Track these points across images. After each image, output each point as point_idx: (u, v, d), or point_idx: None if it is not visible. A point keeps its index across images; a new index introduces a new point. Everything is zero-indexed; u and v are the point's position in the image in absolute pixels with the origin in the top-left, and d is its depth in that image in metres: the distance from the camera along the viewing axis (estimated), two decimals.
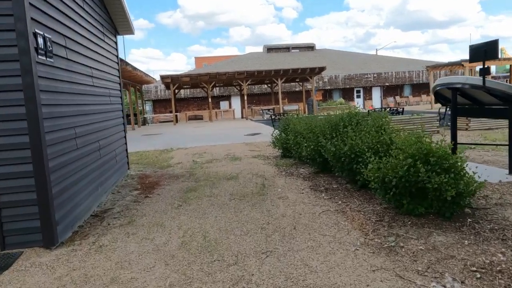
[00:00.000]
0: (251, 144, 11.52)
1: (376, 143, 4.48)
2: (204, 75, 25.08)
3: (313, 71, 25.89)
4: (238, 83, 27.96)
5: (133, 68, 18.02)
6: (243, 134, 15.17)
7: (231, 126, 20.50)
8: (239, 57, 42.40)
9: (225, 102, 34.56)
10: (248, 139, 12.88)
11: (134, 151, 11.61)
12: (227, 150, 10.29)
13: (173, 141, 13.69)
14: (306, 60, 38.52)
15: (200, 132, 17.71)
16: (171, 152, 10.89)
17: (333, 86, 35.25)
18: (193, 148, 11.43)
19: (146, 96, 33.34)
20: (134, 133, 19.83)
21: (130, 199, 5.01)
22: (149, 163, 8.86)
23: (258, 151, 9.88)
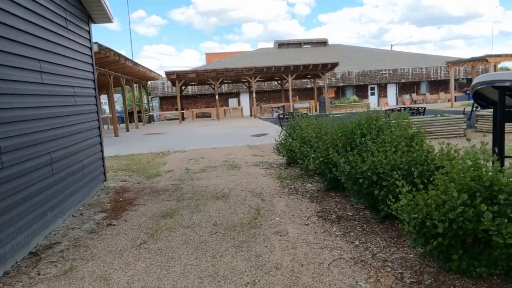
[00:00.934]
0: (255, 148, 10.42)
1: (408, 162, 3.32)
2: (211, 72, 24.03)
3: (325, 67, 24.61)
4: (247, 79, 26.84)
5: (134, 64, 17.06)
6: (248, 134, 14.07)
7: (238, 125, 19.43)
8: (249, 53, 41.25)
9: (233, 100, 33.49)
10: (253, 141, 11.78)
11: (127, 154, 10.63)
12: (227, 155, 9.20)
13: (173, 142, 12.68)
14: (318, 55, 37.16)
15: (204, 131, 16.67)
16: (166, 156, 9.86)
17: (346, 83, 33.86)
18: (191, 151, 10.38)
19: (153, 93, 32.49)
20: (136, 132, 18.92)
21: (88, 227, 3.96)
22: (138, 170, 7.84)
23: (262, 156, 8.77)
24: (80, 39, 5.31)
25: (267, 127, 16.88)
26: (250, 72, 24.31)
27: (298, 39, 43.52)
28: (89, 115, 5.54)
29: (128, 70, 17.79)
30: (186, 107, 32.09)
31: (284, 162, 7.57)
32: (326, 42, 43.11)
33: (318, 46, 42.61)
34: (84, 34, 5.51)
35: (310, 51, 40.44)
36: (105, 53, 12.30)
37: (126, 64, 15.75)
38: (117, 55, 13.62)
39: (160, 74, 25.53)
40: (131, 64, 16.38)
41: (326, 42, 43.11)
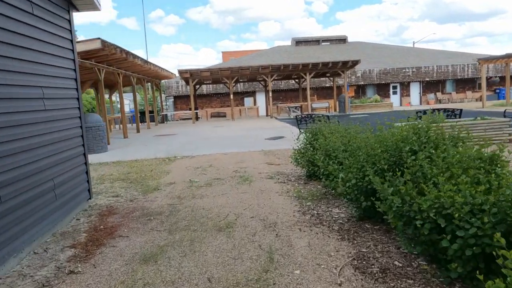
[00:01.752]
0: (271, 153, 9.35)
1: (498, 204, 2.20)
2: (226, 70, 23.06)
3: (345, 65, 23.31)
4: (263, 78, 25.78)
5: (144, 62, 16.22)
6: (264, 137, 13.01)
7: (253, 126, 18.39)
8: (265, 51, 40.14)
9: (249, 99, 32.48)
10: (268, 145, 10.71)
11: (132, 159, 9.72)
12: (239, 163, 8.17)
13: (182, 146, 11.74)
14: (338, 53, 35.76)
15: (216, 133, 15.70)
16: (172, 162, 8.90)
17: (367, 82, 32.39)
18: (200, 157, 9.39)
19: (167, 92, 31.80)
20: (147, 133, 18.11)
21: (44, 275, 2.98)
22: (136, 181, 6.89)
23: (277, 165, 7.70)
24: (55, 28, 4.35)
25: (284, 129, 15.78)
26: (266, 70, 23.23)
27: (316, 36, 42.16)
28: (67, 122, 4.58)
29: (138, 68, 16.98)
30: (201, 106, 31.27)
31: (303, 174, 6.49)
32: (345, 39, 41.59)
33: (337, 43, 41.14)
34: (62, 23, 4.55)
35: (328, 48, 39.04)
36: (110, 50, 11.45)
37: (135, 62, 14.91)
38: (124, 52, 12.77)
39: (174, 73, 24.74)
40: (141, 62, 15.54)
41: (345, 39, 41.59)
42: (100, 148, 11.44)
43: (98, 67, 13.04)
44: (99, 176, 7.78)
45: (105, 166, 9.08)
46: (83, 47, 10.37)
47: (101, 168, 8.87)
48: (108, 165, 9.28)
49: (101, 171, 8.47)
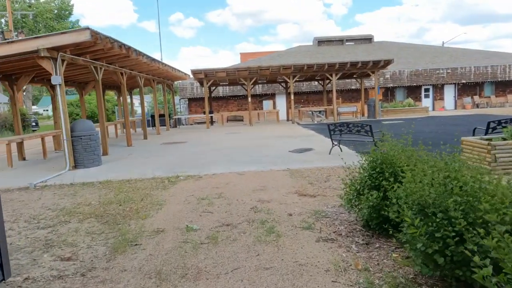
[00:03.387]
0: (300, 175, 7.19)
1: None
2: (243, 70, 21.01)
3: (376, 65, 20.92)
4: (284, 79, 23.62)
5: (151, 60, 14.30)
6: (287, 149, 10.85)
7: (274, 133, 16.24)
8: (285, 51, 37.95)
9: (268, 102, 30.35)
10: (295, 161, 8.55)
11: (123, 179, 7.73)
12: (258, 191, 6.05)
13: (189, 159, 9.70)
14: (363, 53, 33.27)
15: (232, 142, 13.62)
16: (172, 186, 6.85)
17: (397, 84, 29.82)
18: (208, 178, 7.31)
19: (181, 94, 30.01)
20: (154, 140, 16.19)
21: None
22: (114, 221, 4.86)
23: (313, 197, 5.54)
24: None
25: (310, 138, 13.57)
26: (288, 71, 21.07)
27: (340, 36, 39.72)
28: None
29: (145, 67, 15.09)
30: (216, 109, 29.33)
31: (356, 220, 4.30)
32: (371, 38, 38.99)
33: (362, 43, 38.58)
34: None
35: (353, 48, 36.56)
36: (104, 43, 9.52)
37: (140, 59, 12.98)
38: (124, 48, 10.84)
39: (188, 74, 22.85)
40: (147, 60, 13.61)
41: (371, 38, 38.99)
42: (91, 162, 9.51)
43: (95, 65, 11.15)
44: (71, 207, 5.78)
45: (87, 189, 7.10)
46: (69, 39, 8.46)
47: (82, 191, 6.89)
48: (92, 186, 7.30)
49: (79, 197, 6.49)
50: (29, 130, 26.61)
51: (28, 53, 8.76)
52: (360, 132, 8.90)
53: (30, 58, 9.13)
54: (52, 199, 6.44)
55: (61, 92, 9.12)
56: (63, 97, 9.14)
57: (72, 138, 9.33)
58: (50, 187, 7.53)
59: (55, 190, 7.21)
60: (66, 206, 5.89)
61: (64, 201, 6.29)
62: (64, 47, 8.93)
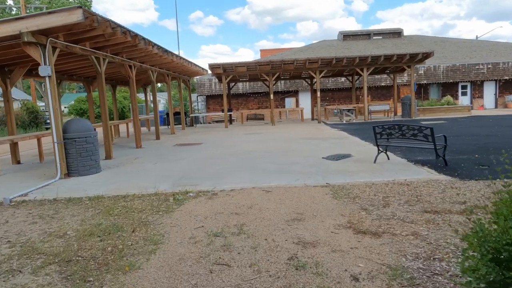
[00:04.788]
0: (345, 194, 5.42)
1: None
2: (265, 65, 19.27)
3: (413, 58, 18.81)
4: (309, 74, 21.76)
5: (164, 52, 12.73)
6: (319, 154, 9.06)
7: (300, 134, 14.44)
8: (308, 46, 35.93)
9: (291, 99, 28.51)
10: (333, 173, 6.76)
11: (119, 194, 6.14)
12: (295, 222, 4.32)
13: (203, 167, 8.03)
14: (392, 48, 30.95)
15: (253, 144, 11.91)
16: (178, 207, 5.20)
17: (431, 80, 27.47)
18: (226, 196, 5.64)
19: (199, 90, 28.51)
20: (168, 140, 14.65)
21: None
22: (84, 274, 3.24)
23: (375, 234, 3.77)
24: None
25: (344, 141, 11.72)
26: (314, 65, 19.20)
27: (367, 30, 37.41)
28: None
29: (157, 60, 13.55)
30: (235, 107, 27.70)
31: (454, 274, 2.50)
32: (400, 32, 36.52)
33: (391, 37, 36.17)
34: None
35: (381, 43, 34.24)
36: (103, 28, 7.96)
37: (150, 50, 11.42)
38: (128, 34, 9.27)
39: (205, 69, 21.29)
40: (158, 51, 12.04)
41: (400, 32, 36.52)
42: (87, 169, 7.98)
43: (97, 55, 9.64)
44: (38, 240, 4.21)
45: (71, 207, 5.53)
46: (57, 20, 6.91)
47: (63, 212, 5.32)
48: (79, 204, 5.73)
49: (56, 221, 4.92)
50: (42, 128, 25.67)
51: (11, 39, 7.28)
52: (417, 136, 7.04)
53: (17, 45, 7.67)
54: (21, 224, 4.90)
55: (52, 85, 7.60)
56: (53, 92, 7.63)
57: (64, 140, 7.82)
58: (28, 203, 6.01)
59: (32, 208, 5.68)
60: (32, 238, 4.31)
61: (35, 228, 4.73)
62: (53, 30, 7.40)
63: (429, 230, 3.88)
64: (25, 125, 24.53)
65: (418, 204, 4.83)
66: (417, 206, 4.75)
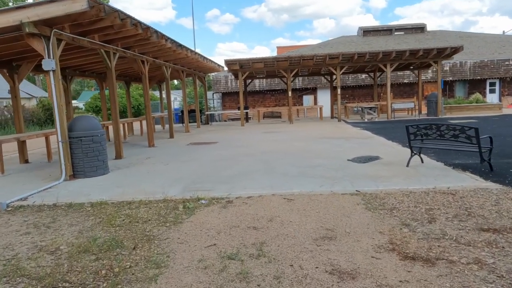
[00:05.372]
0: (380, 204, 4.68)
1: None
2: (283, 60, 18.52)
3: (441, 53, 17.75)
4: (329, 71, 20.90)
5: (178, 46, 12.14)
6: (344, 156, 8.31)
7: (320, 133, 13.67)
8: (327, 42, 34.93)
9: (309, 97, 27.66)
10: (362, 178, 6.01)
11: (125, 200, 5.55)
12: (325, 241, 3.62)
13: (217, 169, 7.38)
14: (415, 44, 29.69)
15: (271, 144, 11.21)
16: (188, 218, 4.57)
17: (457, 77, 26.18)
18: (242, 205, 4.97)
19: (214, 87, 27.95)
20: (182, 139, 14.09)
21: None
22: None
23: (426, 261, 3.03)
24: None
25: (368, 141, 10.90)
26: (335, 61, 18.34)
27: (387, 25, 36.15)
28: None
29: (170, 55, 12.97)
30: (252, 105, 27.03)
31: None
32: (423, 27, 35.14)
33: (414, 32, 34.83)
34: None
35: (403, 38, 32.97)
36: (112, 18, 7.40)
37: (163, 44, 10.84)
38: (139, 26, 8.68)
39: (221, 65, 20.68)
40: (172, 45, 11.45)
41: (423, 27, 35.14)
42: (94, 170, 7.44)
43: (106, 49, 9.10)
44: (25, 257, 3.64)
45: (70, 215, 4.97)
46: (60, 9, 6.36)
47: (60, 221, 4.76)
48: (79, 211, 5.16)
49: (51, 232, 4.36)
50: None
51: (14, 30, 6.77)
52: (459, 137, 6.21)
53: (21, 38, 7.17)
54: (12, 235, 4.34)
55: (56, 80, 7.07)
56: (57, 87, 7.10)
57: (69, 139, 7.29)
58: (26, 208, 5.48)
59: (29, 215, 5.14)
60: (19, 254, 3.74)
61: (26, 240, 4.17)
62: (57, 21, 6.86)
63: (494, 256, 3.12)
64: (41, 123, 24.45)
65: (470, 219, 4.06)
66: (469, 222, 3.98)
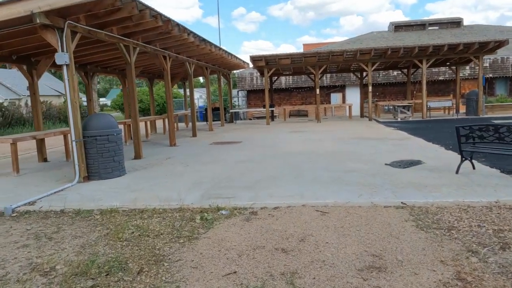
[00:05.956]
0: (433, 222, 3.90)
1: None
2: (311, 56, 17.69)
3: (483, 48, 16.43)
4: (359, 67, 19.88)
5: (201, 41, 11.58)
6: (381, 160, 7.48)
7: (351, 133, 12.80)
8: (357, 38, 33.68)
9: (337, 95, 26.65)
10: (405, 187, 5.20)
11: (136, 207, 5.00)
12: (372, 273, 2.88)
13: (241, 172, 6.72)
14: (452, 39, 28.06)
15: (298, 144, 10.48)
16: (205, 233, 3.95)
17: (497, 74, 24.53)
18: (268, 218, 4.30)
19: (239, 85, 27.40)
20: (205, 137, 13.56)
21: None
22: None
23: None
24: None
25: (406, 142, 9.97)
26: (366, 57, 17.34)
27: (421, 20, 34.47)
28: None
29: (194, 50, 12.44)
30: (278, 103, 26.29)
31: None
32: (459, 22, 33.28)
33: (449, 27, 33.03)
34: None
35: (438, 33, 31.29)
36: (129, 9, 6.87)
37: (186, 38, 10.29)
38: (159, 18, 8.13)
39: (246, 62, 20.05)
40: (194, 39, 10.90)
41: (459, 22, 33.28)
42: (109, 171, 6.95)
43: (125, 43, 8.63)
44: (15, 278, 3.11)
45: (76, 224, 4.45)
46: None
47: (64, 231, 4.24)
48: (87, 219, 4.64)
49: (52, 245, 3.85)
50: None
51: (27, 22, 6.34)
52: None
53: (35, 30, 6.75)
54: (10, 247, 3.85)
55: (70, 75, 6.62)
56: (72, 82, 6.64)
57: (84, 138, 6.83)
58: (31, 214, 5.01)
59: (32, 223, 4.66)
60: (9, 274, 3.23)
61: (22, 255, 3.66)
62: (71, 11, 6.39)
63: None
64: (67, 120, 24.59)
65: None
66: None
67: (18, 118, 20.38)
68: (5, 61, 8.99)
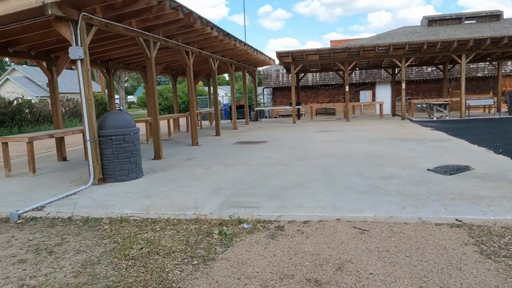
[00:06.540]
0: (499, 244, 3.16)
1: None
2: (341, 52, 16.84)
3: None
4: (391, 63, 18.84)
5: (225, 35, 11.04)
6: (422, 165, 6.68)
7: (384, 133, 11.95)
8: (388, 33, 32.27)
9: (366, 92, 25.59)
10: (456, 198, 4.43)
11: (148, 218, 4.49)
12: None
13: (266, 174, 6.12)
14: (491, 33, 26.34)
15: (327, 145, 9.77)
16: (222, 252, 3.38)
17: None
18: (297, 236, 3.68)
19: (265, 82, 26.79)
20: (229, 136, 13.05)
21: None
22: None
23: None
24: None
25: (446, 144, 9.07)
26: (400, 52, 16.33)
27: (457, 13, 32.67)
28: None
29: (218, 45, 11.93)
30: (304, 100, 25.52)
31: None
32: (499, 15, 31.28)
33: (488, 21, 31.12)
34: None
35: (475, 27, 29.49)
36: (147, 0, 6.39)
37: (209, 32, 9.77)
38: (180, 10, 7.62)
39: (272, 58, 19.42)
40: (218, 33, 10.36)
41: (499, 15, 31.28)
42: (125, 174, 6.52)
43: (145, 37, 8.19)
44: None
45: (82, 235, 3.99)
46: None
47: (68, 243, 3.79)
48: (94, 229, 4.17)
49: (51, 261, 3.40)
50: None
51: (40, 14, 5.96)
52: None
53: (50, 23, 6.38)
54: (5, 263, 3.42)
55: (84, 71, 6.20)
56: (86, 78, 6.23)
57: (99, 138, 6.41)
58: (37, 221, 4.60)
59: (36, 232, 4.24)
60: None
61: (15, 274, 3.20)
62: (86, 2, 5.97)
63: None
64: None
65: None
66: None
67: (46, 115, 20.57)
68: (24, 56, 8.76)
